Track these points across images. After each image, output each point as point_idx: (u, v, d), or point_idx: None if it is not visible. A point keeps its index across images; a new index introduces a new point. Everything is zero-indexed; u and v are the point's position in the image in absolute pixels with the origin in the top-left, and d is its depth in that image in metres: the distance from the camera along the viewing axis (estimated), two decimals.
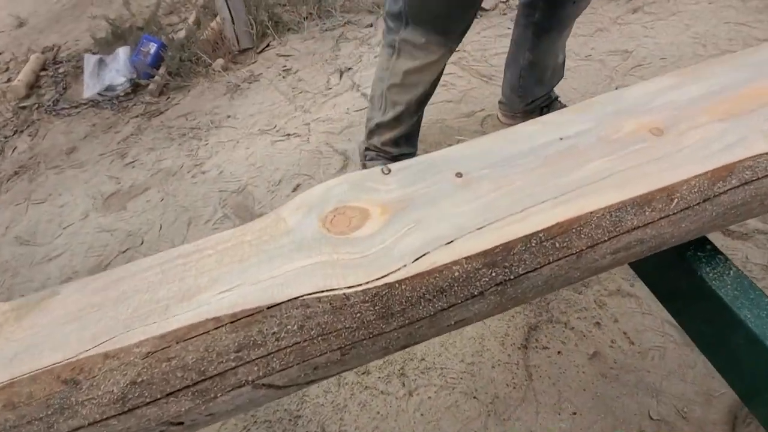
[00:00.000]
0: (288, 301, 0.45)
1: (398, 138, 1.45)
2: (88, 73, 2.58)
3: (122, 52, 2.63)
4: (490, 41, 2.35)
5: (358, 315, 0.45)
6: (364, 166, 1.62)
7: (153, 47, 2.59)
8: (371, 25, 2.76)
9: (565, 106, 1.76)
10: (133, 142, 2.01)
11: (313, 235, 0.51)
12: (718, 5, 2.54)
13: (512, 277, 0.49)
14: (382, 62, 1.34)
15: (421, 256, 0.47)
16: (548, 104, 1.69)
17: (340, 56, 2.50)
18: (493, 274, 0.48)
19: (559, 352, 1.02)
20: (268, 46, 2.76)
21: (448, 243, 0.48)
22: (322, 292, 0.45)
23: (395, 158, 1.54)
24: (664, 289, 0.77)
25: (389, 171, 0.58)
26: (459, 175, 0.56)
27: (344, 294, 0.45)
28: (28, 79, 2.70)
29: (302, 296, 0.45)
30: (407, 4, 1.19)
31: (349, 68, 2.35)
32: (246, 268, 0.49)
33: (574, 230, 0.49)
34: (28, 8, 4.26)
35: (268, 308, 0.45)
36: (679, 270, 0.72)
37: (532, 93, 1.62)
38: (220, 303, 0.46)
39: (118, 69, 2.53)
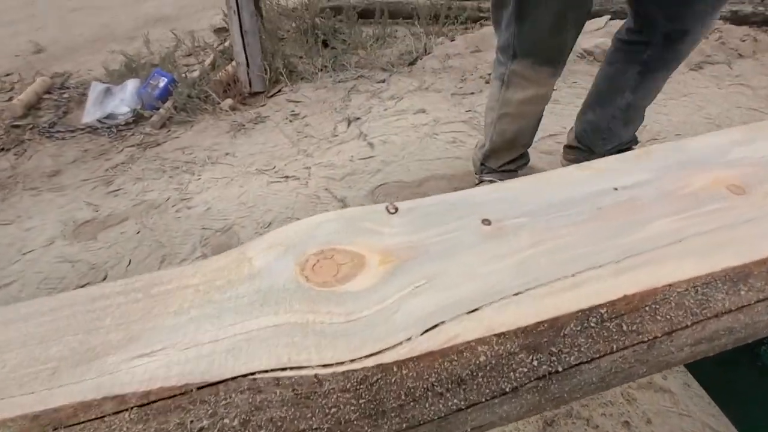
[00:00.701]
0: (231, 379, 0.30)
1: (513, 160, 1.48)
2: (91, 100, 2.53)
3: (131, 84, 2.60)
4: None
5: (334, 410, 0.30)
6: (481, 181, 1.58)
7: (163, 81, 2.56)
8: (384, 81, 2.76)
9: None
10: (121, 170, 1.90)
11: (285, 283, 0.37)
12: (729, 90, 2.55)
13: (560, 368, 0.34)
14: (493, 93, 1.38)
15: (433, 327, 0.33)
16: (628, 150, 1.53)
17: (350, 106, 2.46)
18: (535, 362, 0.33)
19: None
20: (279, 91, 2.74)
21: (473, 311, 0.34)
22: (284, 369, 0.31)
23: (512, 174, 1.54)
24: (727, 392, 0.61)
25: (396, 210, 0.45)
26: (487, 222, 0.43)
27: (316, 376, 0.30)
28: (28, 99, 2.65)
29: (253, 374, 0.30)
30: (516, 37, 1.21)
31: (358, 118, 2.31)
32: (181, 324, 0.34)
33: (647, 308, 0.36)
34: (49, 37, 4.36)
35: (200, 389, 0.30)
36: (747, 369, 0.57)
37: (618, 136, 1.46)
38: (131, 373, 0.31)
39: (123, 98, 2.49)
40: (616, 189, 0.47)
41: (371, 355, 0.31)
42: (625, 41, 1.34)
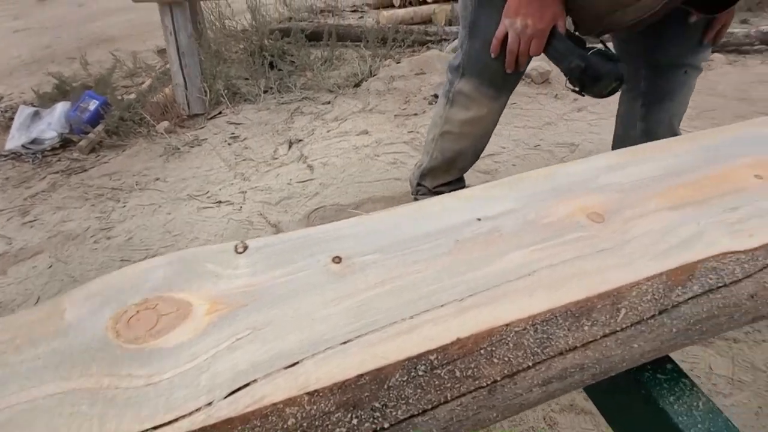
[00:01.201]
0: None
1: (449, 182, 1.48)
2: (17, 125, 2.39)
3: (60, 107, 2.47)
4: None
5: None
6: (416, 201, 1.52)
7: (94, 104, 2.45)
8: (329, 103, 2.76)
9: None
10: (41, 199, 1.78)
11: (90, 342, 0.33)
12: None
13: (386, 425, 0.32)
14: (438, 110, 1.40)
15: (240, 388, 0.30)
16: None
17: (293, 128, 2.43)
18: (355, 420, 0.31)
19: None
20: (220, 113, 2.68)
21: (290, 366, 0.31)
22: None
23: None
24: (620, 418, 0.60)
25: (245, 249, 0.42)
26: (337, 260, 0.40)
27: None
28: None
29: None
30: (467, 55, 1.24)
31: (300, 140, 2.28)
32: None
33: (482, 351, 0.34)
34: None
35: None
36: (633, 395, 0.57)
37: None
38: None
39: (50, 122, 2.35)
40: (479, 219, 0.45)
41: (156, 427, 0.27)
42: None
